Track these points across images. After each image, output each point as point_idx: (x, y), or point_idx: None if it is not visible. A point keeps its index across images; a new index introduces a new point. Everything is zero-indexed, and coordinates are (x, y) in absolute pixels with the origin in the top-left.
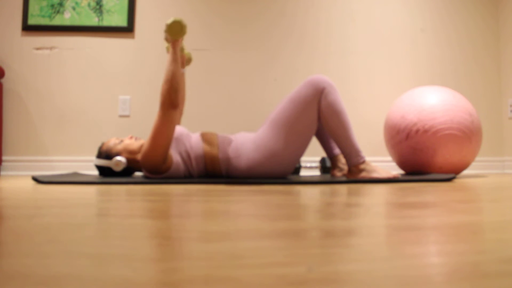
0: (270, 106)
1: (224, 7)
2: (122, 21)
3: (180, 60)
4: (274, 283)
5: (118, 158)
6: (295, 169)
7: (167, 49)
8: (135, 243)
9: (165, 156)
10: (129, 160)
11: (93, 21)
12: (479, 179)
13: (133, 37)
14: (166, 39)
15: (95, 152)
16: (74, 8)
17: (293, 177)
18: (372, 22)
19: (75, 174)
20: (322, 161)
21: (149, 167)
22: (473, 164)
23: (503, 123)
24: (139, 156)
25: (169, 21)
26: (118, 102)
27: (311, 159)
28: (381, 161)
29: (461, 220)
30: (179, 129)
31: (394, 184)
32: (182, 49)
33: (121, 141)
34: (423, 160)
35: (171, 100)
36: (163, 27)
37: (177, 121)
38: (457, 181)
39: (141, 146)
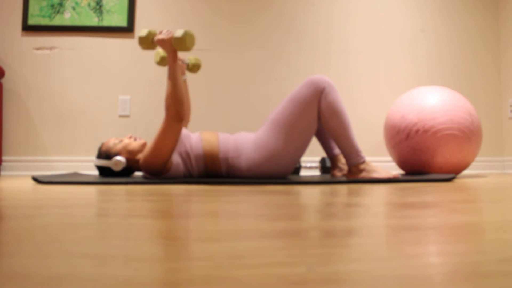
0: (270, 106)
1: (224, 7)
2: (122, 21)
3: (179, 68)
4: (274, 283)
5: (118, 158)
6: (295, 169)
7: (157, 59)
8: (135, 243)
9: (166, 162)
10: (128, 160)
11: (93, 21)
12: (479, 179)
13: (133, 37)
14: (141, 44)
15: (95, 152)
16: (74, 8)
17: (293, 177)
18: (372, 22)
19: (75, 174)
20: (322, 161)
21: (149, 170)
22: (473, 164)
23: (503, 123)
24: (138, 156)
25: (180, 33)
26: (118, 102)
27: (311, 159)
28: (381, 161)
29: (461, 220)
30: None
31: (394, 184)
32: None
33: (121, 141)
34: (423, 160)
35: (177, 112)
36: (163, 28)
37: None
38: (457, 181)
39: (141, 145)
